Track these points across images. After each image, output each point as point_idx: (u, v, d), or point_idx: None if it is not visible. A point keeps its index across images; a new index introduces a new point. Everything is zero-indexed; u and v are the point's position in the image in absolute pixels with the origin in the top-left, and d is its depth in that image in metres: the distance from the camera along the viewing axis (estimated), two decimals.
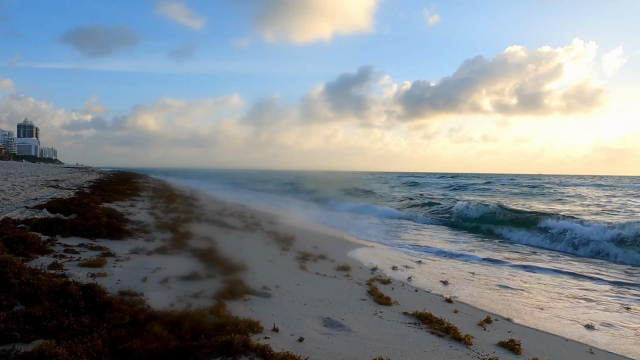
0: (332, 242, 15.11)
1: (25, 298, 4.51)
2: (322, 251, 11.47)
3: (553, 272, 12.13)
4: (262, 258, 9.57)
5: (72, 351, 3.44)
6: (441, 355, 4.93)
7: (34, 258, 6.78)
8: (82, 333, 3.84)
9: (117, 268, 6.87)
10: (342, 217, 25.44)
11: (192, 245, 9.50)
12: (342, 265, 9.76)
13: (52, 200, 14.87)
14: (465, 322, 6.61)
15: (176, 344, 3.81)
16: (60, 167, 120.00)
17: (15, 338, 3.73)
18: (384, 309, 6.66)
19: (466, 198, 34.57)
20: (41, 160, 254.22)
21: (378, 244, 15.68)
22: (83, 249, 7.99)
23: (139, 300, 5.19)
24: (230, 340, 4.02)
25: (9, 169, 50.82)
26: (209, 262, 7.72)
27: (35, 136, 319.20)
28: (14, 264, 5.20)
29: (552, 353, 5.81)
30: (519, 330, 6.74)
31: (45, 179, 30.34)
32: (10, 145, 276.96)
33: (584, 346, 6.43)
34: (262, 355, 4.01)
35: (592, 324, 7.41)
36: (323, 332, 5.13)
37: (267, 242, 12.34)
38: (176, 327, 4.21)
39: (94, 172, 72.24)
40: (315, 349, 4.50)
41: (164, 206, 18.47)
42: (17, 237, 7.12)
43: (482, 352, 5.24)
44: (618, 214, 26.94)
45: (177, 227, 11.95)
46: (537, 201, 36.50)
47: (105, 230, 9.66)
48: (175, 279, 6.50)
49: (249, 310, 5.46)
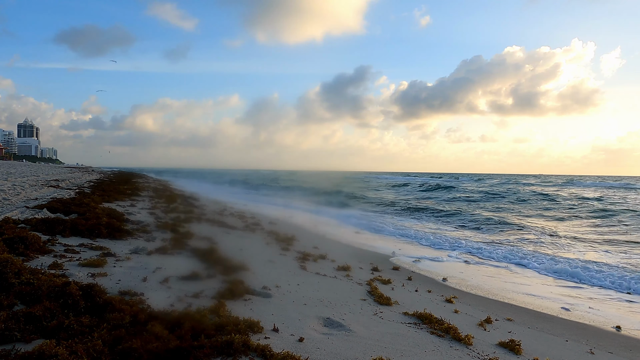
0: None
1: (25, 298, 4.52)
2: (322, 251, 11.47)
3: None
4: (262, 258, 9.56)
5: (72, 351, 3.44)
6: (441, 355, 4.93)
7: (34, 258, 6.78)
8: (82, 333, 3.84)
9: (117, 268, 6.87)
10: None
11: (192, 245, 9.50)
12: (342, 265, 9.76)
13: (53, 200, 14.87)
14: (465, 322, 6.61)
15: (176, 344, 3.81)
16: (61, 167, 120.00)
17: (15, 338, 3.74)
18: (384, 309, 6.66)
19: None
20: (41, 160, 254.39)
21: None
22: (83, 249, 7.99)
23: (139, 300, 5.19)
24: (230, 340, 4.02)
25: (9, 169, 50.82)
26: (209, 262, 7.72)
27: (36, 136, 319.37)
28: (14, 264, 5.20)
29: (552, 353, 5.81)
30: (519, 330, 6.74)
31: (45, 179, 30.34)
32: (11, 145, 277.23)
33: (583, 346, 6.42)
34: (262, 355, 4.01)
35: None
36: (323, 332, 5.13)
37: (267, 242, 12.34)
38: (176, 327, 4.21)
39: (94, 172, 72.21)
40: (315, 349, 4.50)
41: (164, 206, 18.47)
42: (17, 236, 7.12)
43: (482, 352, 5.24)
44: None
45: (177, 227, 11.94)
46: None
47: (105, 230, 9.65)
48: (175, 279, 6.50)
49: (249, 310, 5.46)
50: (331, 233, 17.69)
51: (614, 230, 21.86)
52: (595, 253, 15.48)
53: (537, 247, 16.48)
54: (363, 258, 11.98)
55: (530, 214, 28.88)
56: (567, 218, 26.84)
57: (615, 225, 23.24)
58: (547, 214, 28.76)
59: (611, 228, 22.51)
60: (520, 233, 20.11)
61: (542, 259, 13.70)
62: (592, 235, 19.86)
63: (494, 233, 20.45)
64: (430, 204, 35.79)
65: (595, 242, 17.82)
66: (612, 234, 20.38)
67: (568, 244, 17.35)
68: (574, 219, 26.45)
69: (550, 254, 14.70)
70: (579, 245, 17.08)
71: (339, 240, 15.89)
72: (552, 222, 24.85)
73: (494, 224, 22.69)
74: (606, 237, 19.17)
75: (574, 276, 11.58)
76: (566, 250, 15.85)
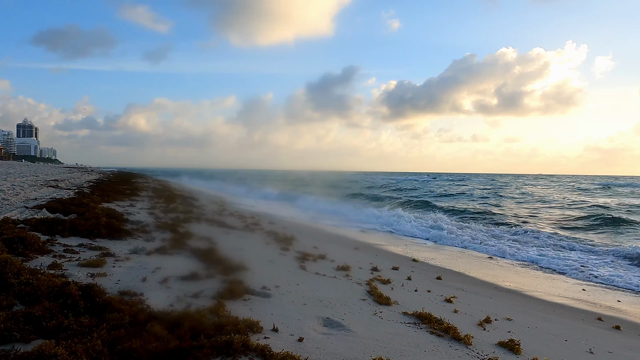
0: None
1: (24, 298, 4.51)
2: (322, 251, 11.47)
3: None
4: (262, 258, 9.56)
5: (72, 351, 3.44)
6: (441, 355, 4.93)
7: (33, 258, 6.77)
8: (81, 333, 3.84)
9: (116, 268, 6.87)
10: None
11: (191, 245, 9.50)
12: (342, 265, 9.75)
13: (52, 200, 14.85)
14: (465, 322, 6.61)
15: (176, 344, 3.81)
16: (60, 167, 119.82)
17: (14, 338, 3.73)
18: (383, 309, 6.66)
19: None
20: (41, 160, 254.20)
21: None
22: (82, 249, 7.98)
23: (138, 300, 5.19)
24: (230, 340, 4.02)
25: (8, 169, 50.76)
26: (208, 262, 7.71)
27: (35, 136, 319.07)
28: (14, 264, 5.20)
29: (551, 353, 5.81)
30: (519, 330, 6.74)
31: (44, 179, 30.31)
32: (10, 145, 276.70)
33: (583, 346, 6.43)
34: (261, 355, 4.01)
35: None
36: (323, 332, 5.13)
37: (266, 242, 12.34)
38: (176, 327, 4.20)
39: (93, 172, 72.16)
40: (314, 349, 4.50)
41: (164, 206, 18.46)
42: (16, 237, 7.11)
43: (481, 352, 5.24)
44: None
45: (176, 227, 11.94)
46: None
47: (104, 230, 9.65)
48: (174, 279, 6.50)
49: (248, 310, 5.46)
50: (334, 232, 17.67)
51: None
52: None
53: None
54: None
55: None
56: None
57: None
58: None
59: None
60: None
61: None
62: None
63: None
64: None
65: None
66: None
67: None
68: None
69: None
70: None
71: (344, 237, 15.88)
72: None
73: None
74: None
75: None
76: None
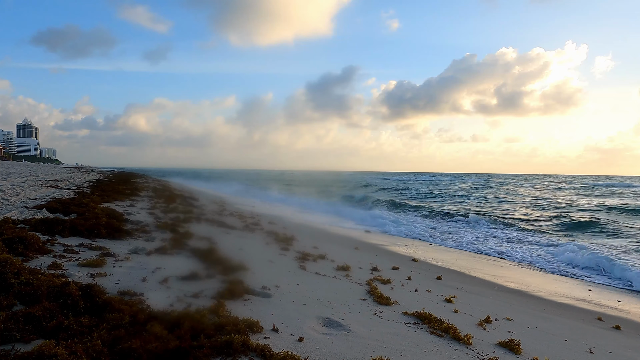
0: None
1: (24, 298, 4.51)
2: (322, 251, 11.47)
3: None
4: (262, 258, 9.56)
5: (72, 351, 3.44)
6: (441, 355, 4.93)
7: (33, 258, 6.77)
8: (81, 333, 3.84)
9: (116, 268, 6.87)
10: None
11: (191, 245, 9.50)
12: (342, 265, 9.75)
13: (52, 200, 14.85)
14: (465, 321, 6.61)
15: (176, 344, 3.81)
16: (60, 167, 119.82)
17: (14, 338, 3.73)
18: (383, 309, 6.65)
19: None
20: (41, 160, 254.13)
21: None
22: (82, 249, 7.98)
23: (138, 300, 5.19)
24: (229, 340, 4.02)
25: (8, 169, 50.76)
26: (208, 262, 7.71)
27: (35, 136, 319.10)
28: (14, 264, 5.20)
29: (551, 353, 5.81)
30: (519, 329, 6.74)
31: (44, 179, 30.30)
32: (10, 145, 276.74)
33: (583, 346, 6.43)
34: (261, 355, 4.01)
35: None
36: (323, 332, 5.13)
37: (266, 242, 12.34)
38: (176, 327, 4.21)
39: (93, 172, 72.16)
40: (314, 349, 4.50)
41: (164, 206, 18.45)
42: (16, 237, 7.11)
43: (481, 352, 5.24)
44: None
45: (176, 227, 11.93)
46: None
47: (104, 230, 9.65)
48: (174, 279, 6.50)
49: (248, 310, 5.46)
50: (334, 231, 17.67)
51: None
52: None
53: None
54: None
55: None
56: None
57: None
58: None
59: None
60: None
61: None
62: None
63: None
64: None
65: None
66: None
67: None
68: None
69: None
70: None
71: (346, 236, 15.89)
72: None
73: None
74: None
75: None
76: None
